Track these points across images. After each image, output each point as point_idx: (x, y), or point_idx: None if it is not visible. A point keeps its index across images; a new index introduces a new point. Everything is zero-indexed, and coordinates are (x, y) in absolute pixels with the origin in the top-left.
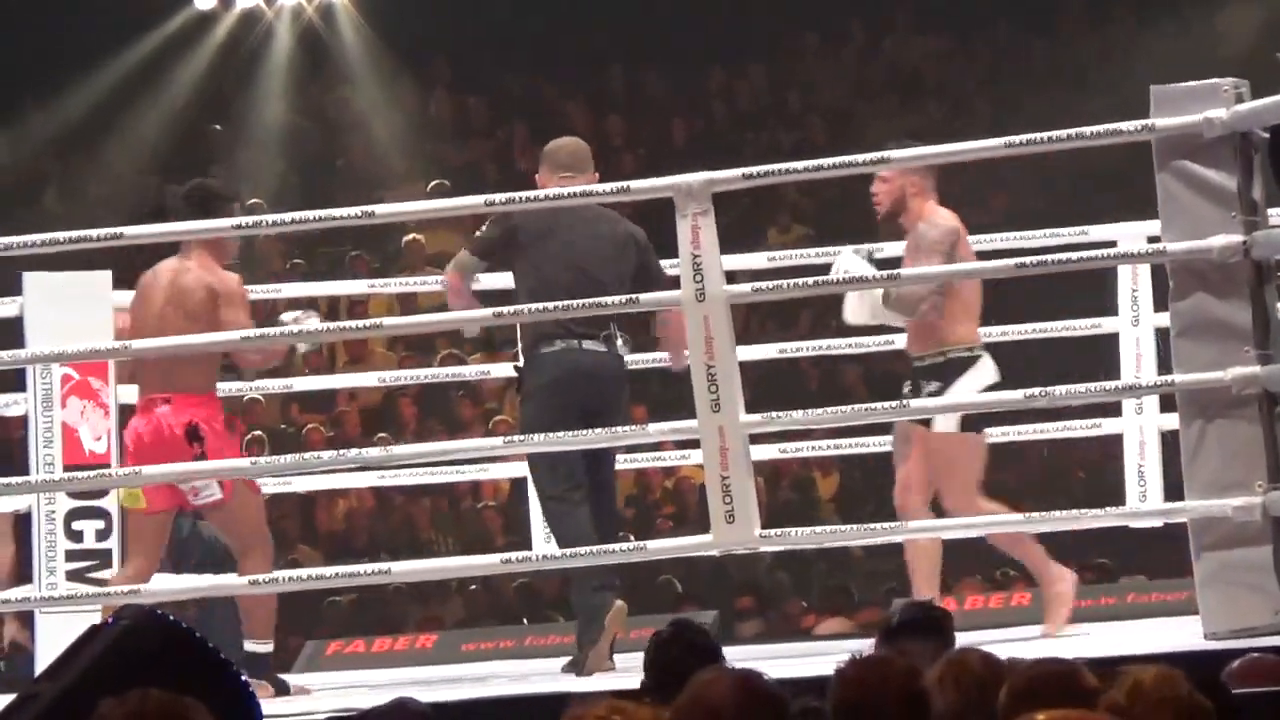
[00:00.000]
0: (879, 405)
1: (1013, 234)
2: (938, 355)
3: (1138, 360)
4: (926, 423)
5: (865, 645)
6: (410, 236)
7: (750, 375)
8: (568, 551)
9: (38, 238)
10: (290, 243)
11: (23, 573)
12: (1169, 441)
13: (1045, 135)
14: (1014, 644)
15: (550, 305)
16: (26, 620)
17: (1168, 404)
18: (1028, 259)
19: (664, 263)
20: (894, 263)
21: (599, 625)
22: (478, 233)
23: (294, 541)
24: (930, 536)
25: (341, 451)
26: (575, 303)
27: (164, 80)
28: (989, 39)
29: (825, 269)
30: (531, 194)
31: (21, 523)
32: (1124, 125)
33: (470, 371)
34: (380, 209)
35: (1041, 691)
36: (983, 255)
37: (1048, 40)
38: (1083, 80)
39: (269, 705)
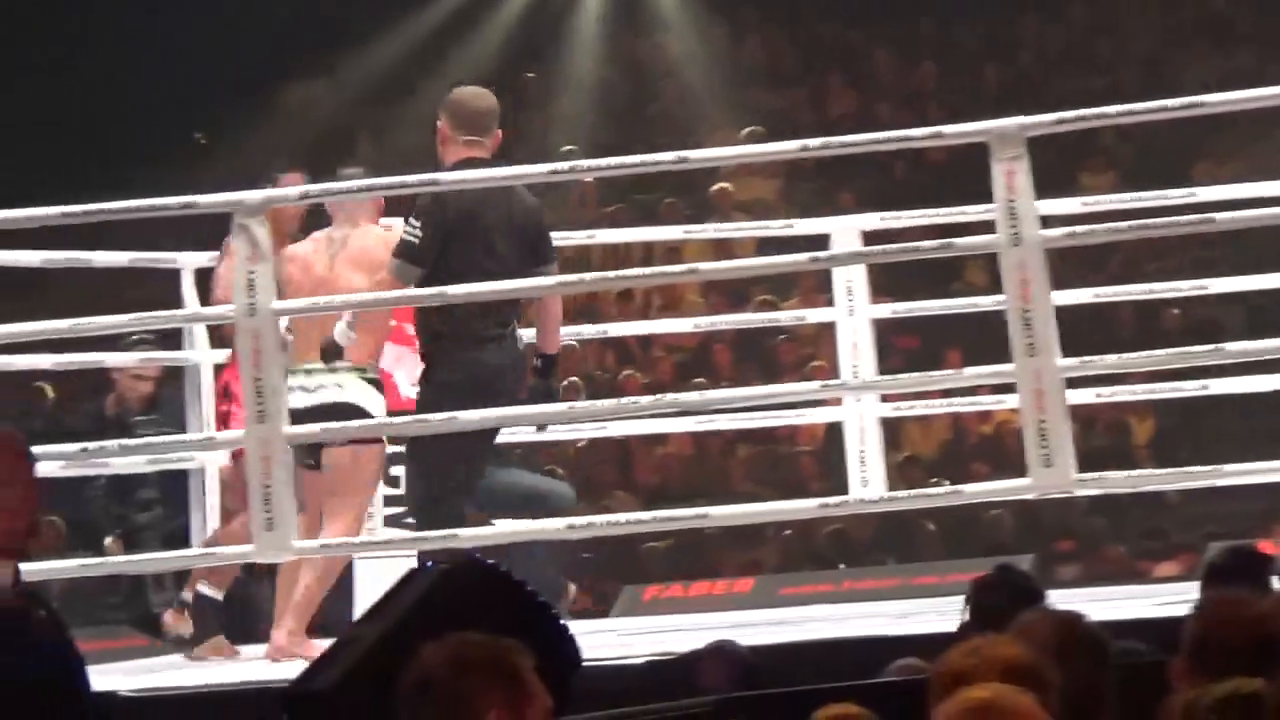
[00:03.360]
0: (1194, 349)
1: None
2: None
3: None
4: None
5: (1189, 588)
6: (719, 185)
7: (1063, 320)
8: (884, 495)
9: (353, 184)
10: (604, 189)
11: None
12: None
13: None
14: None
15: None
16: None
17: None
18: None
19: (979, 208)
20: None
21: None
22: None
23: (611, 487)
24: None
25: (659, 396)
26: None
27: (475, 28)
28: None
29: (1139, 214)
30: (843, 140)
31: None
32: None
33: (785, 317)
34: (694, 154)
35: None
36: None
37: None
38: None
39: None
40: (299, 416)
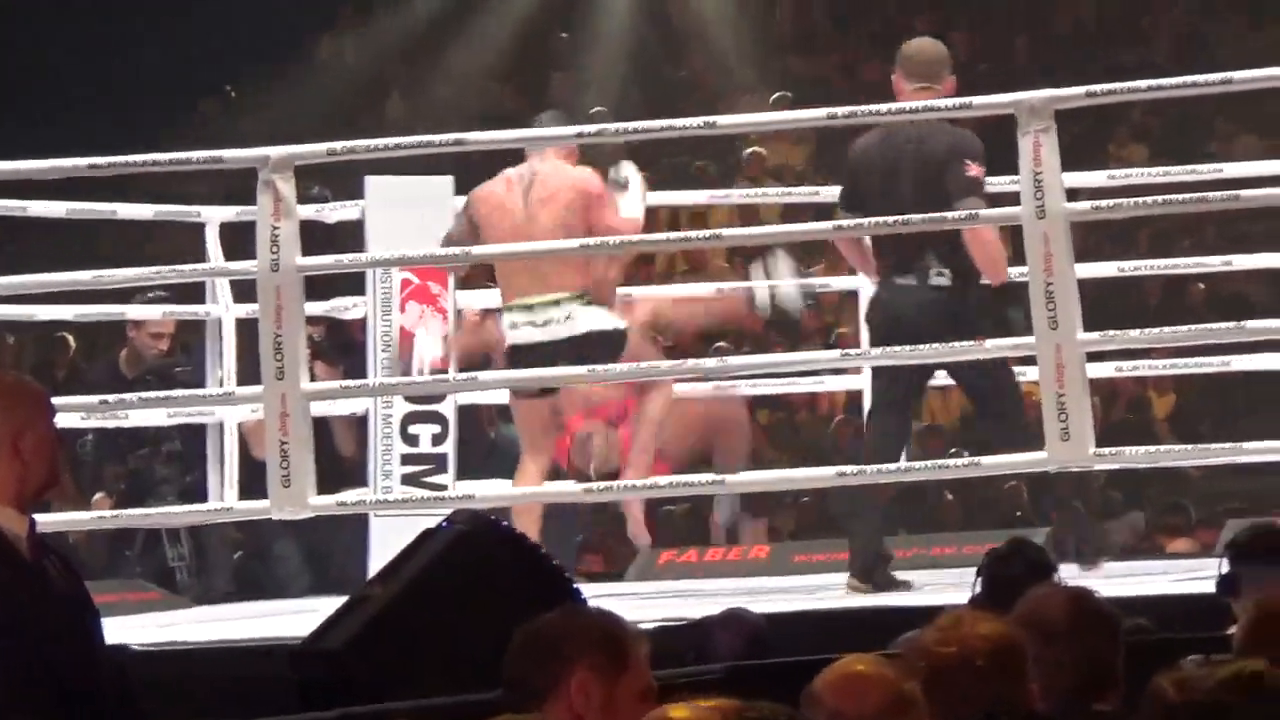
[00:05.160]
0: (1215, 325)
1: None
2: None
3: None
4: None
5: (1206, 565)
6: (752, 149)
7: (1088, 294)
8: (901, 466)
9: (381, 142)
10: (633, 152)
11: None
12: None
13: None
14: None
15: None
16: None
17: None
18: None
19: (1002, 179)
20: None
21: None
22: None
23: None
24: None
25: (680, 361)
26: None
27: None
28: None
29: (1167, 188)
30: (871, 109)
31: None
32: None
33: (810, 284)
34: (722, 120)
35: None
36: None
37: None
38: None
39: None
40: (536, 350)
